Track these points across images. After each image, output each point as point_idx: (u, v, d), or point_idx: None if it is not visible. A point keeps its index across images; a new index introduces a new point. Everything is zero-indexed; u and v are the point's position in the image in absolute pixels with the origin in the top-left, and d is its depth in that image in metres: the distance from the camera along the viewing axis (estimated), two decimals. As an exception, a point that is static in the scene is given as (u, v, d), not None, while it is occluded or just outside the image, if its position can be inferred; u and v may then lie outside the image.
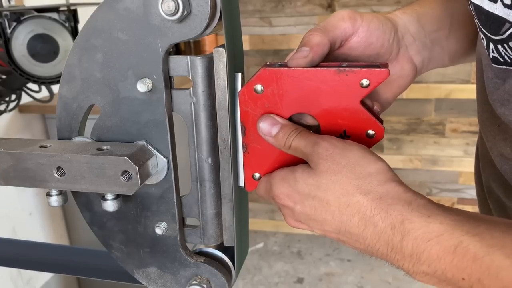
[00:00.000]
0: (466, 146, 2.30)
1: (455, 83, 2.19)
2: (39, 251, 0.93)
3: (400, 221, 0.36)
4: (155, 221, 0.48)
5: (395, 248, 0.37)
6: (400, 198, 0.37)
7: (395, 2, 2.20)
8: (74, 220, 2.03)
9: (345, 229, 0.39)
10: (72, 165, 0.42)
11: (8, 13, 1.15)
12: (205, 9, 0.39)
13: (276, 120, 0.43)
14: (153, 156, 0.45)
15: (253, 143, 0.45)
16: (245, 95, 0.44)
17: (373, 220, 0.37)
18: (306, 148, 0.41)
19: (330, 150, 0.40)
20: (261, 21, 2.35)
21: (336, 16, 0.47)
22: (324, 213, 0.40)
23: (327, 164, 0.40)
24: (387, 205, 0.37)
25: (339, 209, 0.39)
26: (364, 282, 2.20)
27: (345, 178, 0.39)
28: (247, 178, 0.47)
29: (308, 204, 0.41)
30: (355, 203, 0.38)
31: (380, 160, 0.40)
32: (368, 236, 0.38)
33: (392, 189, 0.38)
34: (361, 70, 0.40)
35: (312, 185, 0.40)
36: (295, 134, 0.42)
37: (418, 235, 0.35)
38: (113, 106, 0.45)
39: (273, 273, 2.32)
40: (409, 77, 0.52)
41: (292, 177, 0.42)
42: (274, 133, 0.43)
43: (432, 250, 0.35)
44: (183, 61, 0.43)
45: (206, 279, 0.49)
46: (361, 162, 0.39)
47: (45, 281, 1.97)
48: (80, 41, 0.43)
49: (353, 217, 0.38)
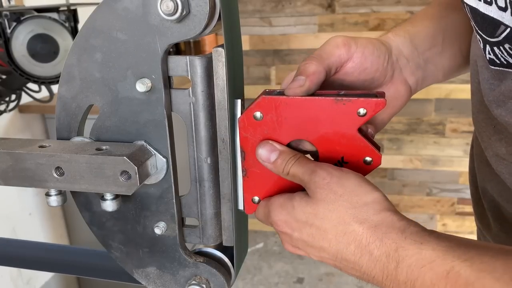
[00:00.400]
0: (466, 146, 2.30)
1: (455, 83, 2.19)
2: (39, 251, 0.94)
3: (394, 249, 0.37)
4: (154, 221, 0.48)
5: (390, 276, 0.37)
6: (394, 227, 0.38)
7: (395, 2, 2.20)
8: (74, 220, 2.03)
9: (341, 257, 0.40)
10: (71, 165, 0.42)
11: (8, 13, 1.15)
12: (204, 9, 0.39)
13: (274, 147, 0.44)
14: (152, 156, 0.45)
15: (253, 168, 0.46)
16: (245, 121, 0.44)
17: (368, 248, 0.38)
18: (304, 176, 0.42)
19: (327, 179, 0.41)
20: (261, 21, 2.35)
21: (331, 44, 0.47)
22: (321, 241, 0.41)
23: (324, 193, 0.41)
24: (382, 233, 0.38)
25: (336, 237, 0.40)
26: (364, 282, 2.20)
27: (342, 207, 0.40)
28: (246, 201, 0.48)
29: (306, 232, 0.42)
30: (351, 232, 0.39)
31: (376, 190, 0.41)
32: (364, 264, 0.39)
33: (386, 218, 0.39)
34: (358, 99, 0.41)
35: (310, 214, 0.41)
36: (293, 161, 0.43)
37: (412, 262, 0.36)
38: (112, 106, 0.45)
39: (273, 273, 2.32)
40: (403, 98, 0.53)
41: (290, 205, 0.43)
42: (272, 159, 0.44)
43: (425, 276, 0.35)
44: (182, 61, 0.43)
45: (205, 279, 0.49)
46: (357, 192, 0.40)
47: (45, 281, 1.97)
48: (79, 41, 0.43)
49: (350, 246, 0.39)
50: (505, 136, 0.48)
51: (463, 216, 2.42)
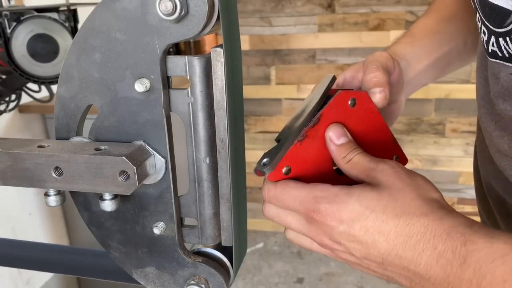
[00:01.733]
0: (466, 146, 2.30)
1: (455, 83, 2.19)
2: (39, 251, 0.94)
3: (463, 242, 0.34)
4: (153, 221, 0.48)
5: (453, 274, 0.34)
6: (461, 222, 0.36)
7: (395, 2, 2.20)
8: (74, 220, 2.03)
9: (396, 253, 0.37)
10: (70, 165, 0.42)
11: (8, 13, 1.15)
12: (203, 9, 0.39)
13: (345, 132, 0.44)
14: (151, 156, 0.45)
15: (312, 139, 0.45)
16: (341, 99, 0.46)
17: (432, 242, 0.35)
18: (370, 164, 0.41)
19: (396, 168, 0.40)
20: (261, 21, 2.35)
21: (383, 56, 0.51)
22: (376, 234, 0.37)
23: (392, 180, 0.39)
24: (449, 227, 0.36)
25: (396, 229, 0.37)
26: (364, 282, 2.20)
27: (408, 196, 0.38)
28: (279, 166, 0.44)
29: (359, 225, 0.38)
30: (415, 223, 0.36)
31: (439, 192, 0.41)
32: (423, 261, 0.35)
33: (451, 213, 0.37)
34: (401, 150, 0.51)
35: (372, 200, 0.38)
36: (359, 151, 0.43)
37: (481, 257, 0.33)
38: (111, 106, 0.45)
39: (273, 273, 2.32)
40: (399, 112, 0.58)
41: (348, 193, 0.39)
42: (339, 142, 0.44)
43: (496, 271, 0.33)
44: (181, 61, 0.43)
45: (204, 279, 0.49)
46: (424, 186, 0.40)
47: (45, 281, 1.97)
48: (78, 41, 0.43)
49: (410, 239, 0.36)
50: (508, 133, 0.49)
51: (463, 216, 2.42)
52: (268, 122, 2.56)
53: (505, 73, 0.43)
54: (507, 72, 0.43)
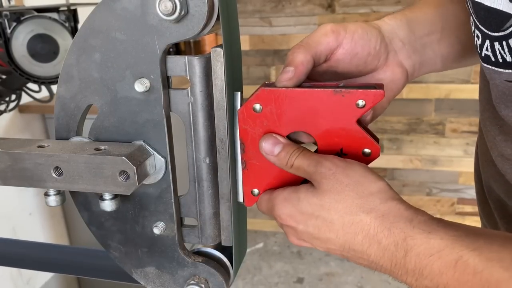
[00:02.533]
0: (466, 146, 2.30)
1: (455, 83, 2.19)
2: (39, 251, 0.94)
3: (403, 238, 0.37)
4: (153, 221, 0.48)
5: (398, 264, 0.38)
6: (402, 216, 0.39)
7: (395, 2, 2.20)
8: (74, 220, 2.03)
9: (349, 247, 0.40)
10: (70, 165, 0.42)
11: (8, 13, 1.15)
12: (202, 9, 0.39)
13: (278, 140, 0.44)
14: (150, 156, 0.45)
15: (252, 160, 0.46)
16: (244, 113, 0.44)
17: (376, 238, 0.39)
18: (309, 168, 0.42)
19: (333, 169, 0.41)
20: (261, 21, 2.35)
21: (319, 32, 0.47)
22: (327, 232, 0.41)
23: (330, 184, 0.41)
24: (390, 223, 0.38)
25: (343, 228, 0.40)
26: (364, 282, 2.20)
27: (348, 197, 0.40)
28: (246, 193, 0.48)
29: (311, 224, 0.42)
30: (358, 222, 0.39)
31: (380, 179, 0.41)
32: (372, 253, 0.39)
33: (393, 207, 0.39)
34: (357, 91, 0.41)
35: (316, 205, 0.41)
36: (297, 154, 0.43)
37: (420, 251, 0.36)
38: (111, 106, 0.45)
39: (273, 273, 2.32)
40: (400, 81, 0.53)
41: (295, 197, 0.43)
42: (276, 152, 0.44)
43: (434, 265, 0.36)
44: (181, 61, 0.43)
45: (204, 279, 0.49)
46: (362, 181, 0.41)
47: (45, 281, 1.97)
48: (78, 41, 0.43)
49: (357, 236, 0.39)
50: (511, 138, 0.48)
51: (463, 216, 2.42)
52: (268, 122, 2.55)
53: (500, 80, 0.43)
54: (501, 79, 0.42)
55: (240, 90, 0.48)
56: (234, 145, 0.46)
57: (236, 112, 0.45)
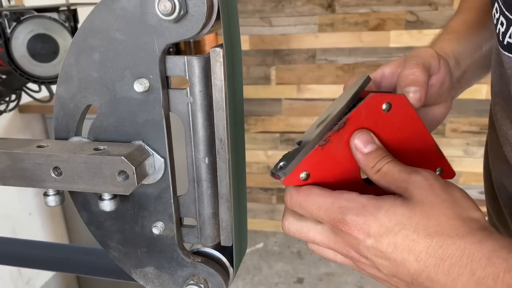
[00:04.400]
0: (466, 146, 2.30)
1: (455, 83, 2.19)
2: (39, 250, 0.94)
3: (506, 269, 0.31)
4: (152, 221, 0.48)
5: None
6: (504, 245, 0.32)
7: (395, 2, 2.20)
8: (74, 220, 2.04)
9: (427, 276, 0.33)
10: (69, 165, 0.42)
11: (8, 13, 1.15)
12: (202, 9, 0.39)
13: (373, 139, 0.40)
14: (150, 156, 0.45)
15: (335, 145, 0.41)
16: (373, 102, 0.41)
17: (470, 267, 0.32)
18: (401, 174, 0.37)
19: (431, 180, 0.36)
20: (261, 21, 2.35)
21: (427, 53, 0.47)
22: (406, 253, 0.34)
23: (425, 194, 0.35)
24: (489, 251, 0.32)
25: (428, 249, 0.33)
26: (364, 282, 2.20)
27: (442, 214, 0.34)
28: (296, 171, 0.41)
29: (388, 241, 0.35)
30: (449, 245, 0.33)
31: (479, 209, 0.36)
32: (459, 286, 0.32)
33: (492, 235, 0.33)
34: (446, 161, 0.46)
35: (402, 216, 0.35)
36: (389, 159, 0.39)
37: None
38: (110, 106, 0.45)
39: (273, 273, 2.32)
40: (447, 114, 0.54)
41: (377, 205, 0.36)
42: (367, 150, 0.40)
43: None
44: (180, 61, 0.43)
45: (204, 279, 0.49)
46: (461, 203, 0.36)
47: (45, 281, 1.97)
48: (77, 41, 0.43)
49: (444, 262, 0.33)
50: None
51: (463, 216, 2.41)
52: (268, 122, 2.55)
53: None
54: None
55: (240, 90, 0.48)
56: (234, 145, 0.46)
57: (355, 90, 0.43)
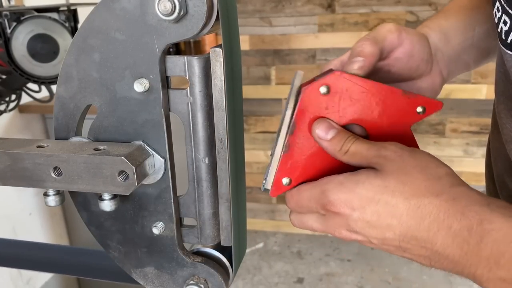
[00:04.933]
0: (466, 146, 2.30)
1: (455, 83, 2.19)
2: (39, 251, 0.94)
3: (478, 221, 0.34)
4: (152, 221, 0.48)
5: (470, 252, 0.34)
6: (476, 200, 0.36)
7: (395, 2, 2.20)
8: (74, 220, 2.04)
9: (411, 235, 0.37)
10: (69, 165, 0.42)
11: (8, 13, 1.15)
12: (202, 9, 0.39)
13: (332, 125, 0.42)
14: (150, 156, 0.45)
15: (297, 146, 0.43)
16: (310, 93, 0.42)
17: (446, 222, 0.35)
18: (369, 151, 0.40)
19: (399, 152, 0.39)
20: (261, 21, 2.35)
21: (384, 28, 0.48)
22: (389, 218, 0.38)
23: (396, 165, 0.38)
24: (463, 206, 0.35)
25: (408, 211, 0.37)
26: (364, 282, 2.20)
27: (416, 179, 0.37)
28: (276, 181, 0.44)
29: (370, 210, 0.38)
30: (426, 205, 0.36)
31: (447, 165, 0.39)
32: (439, 240, 0.36)
33: (465, 191, 0.37)
34: (423, 97, 0.42)
35: (379, 186, 0.38)
36: (354, 139, 0.41)
37: (499, 236, 0.33)
38: (110, 106, 0.45)
39: (273, 273, 2.32)
40: (438, 90, 0.54)
41: (354, 180, 0.39)
42: (329, 136, 0.42)
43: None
44: (180, 61, 0.43)
45: (204, 279, 0.49)
46: (430, 165, 0.38)
47: (45, 281, 1.97)
48: (77, 41, 0.43)
49: (424, 220, 0.36)
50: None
51: (463, 216, 2.42)
52: (268, 122, 2.55)
53: None
54: None
55: (240, 91, 0.48)
56: (234, 145, 0.46)
57: (293, 90, 0.43)
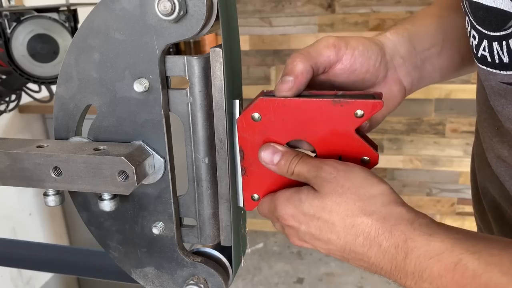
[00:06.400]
0: (466, 146, 2.30)
1: (455, 83, 2.19)
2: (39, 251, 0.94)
3: (403, 240, 0.38)
4: (152, 221, 0.48)
5: (398, 266, 0.38)
6: (403, 218, 0.39)
7: (395, 2, 2.20)
8: (74, 220, 2.03)
9: (350, 249, 0.40)
10: (69, 165, 0.42)
11: (8, 13, 1.15)
12: (201, 9, 0.39)
13: (276, 149, 0.44)
14: (150, 156, 0.45)
15: (252, 167, 0.46)
16: (243, 122, 0.45)
17: (377, 240, 0.39)
18: (309, 173, 0.42)
19: (334, 173, 0.41)
20: (261, 21, 2.35)
21: (321, 43, 0.47)
22: (329, 233, 0.41)
23: (332, 187, 0.41)
24: (391, 225, 0.39)
25: (344, 229, 0.40)
26: (364, 282, 2.20)
27: (350, 200, 0.40)
28: (246, 199, 0.48)
29: (313, 225, 0.42)
30: (359, 224, 0.39)
31: (382, 182, 0.41)
32: (373, 255, 0.39)
33: (395, 209, 0.40)
34: (356, 101, 0.42)
35: (317, 207, 0.41)
36: (297, 160, 0.43)
37: (421, 254, 0.37)
38: (110, 106, 0.45)
39: (273, 273, 2.32)
40: (397, 99, 0.53)
41: (297, 198, 0.43)
42: (276, 161, 0.44)
43: (433, 267, 0.36)
44: (180, 61, 0.43)
45: (203, 279, 0.49)
46: (364, 184, 0.41)
47: (45, 281, 1.97)
48: (77, 41, 0.43)
49: (358, 237, 0.40)
50: (509, 140, 0.48)
51: (463, 216, 2.42)
52: (268, 122, 2.55)
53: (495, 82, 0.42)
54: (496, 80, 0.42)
55: (239, 91, 0.48)
56: (233, 147, 0.46)
57: (235, 120, 0.45)
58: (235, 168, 0.47)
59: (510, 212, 0.54)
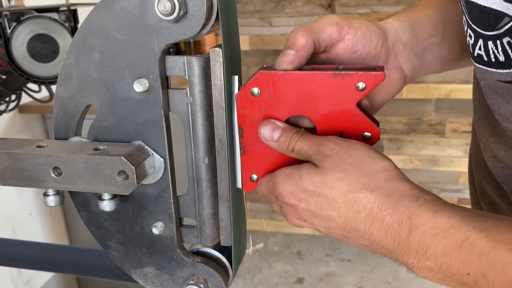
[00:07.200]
0: (466, 146, 2.30)
1: (455, 83, 2.19)
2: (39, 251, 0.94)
3: (408, 216, 0.37)
4: (152, 221, 0.48)
5: (401, 243, 0.37)
6: (408, 194, 0.38)
7: (395, 2, 2.20)
8: (74, 220, 2.03)
9: (350, 226, 0.39)
10: (68, 165, 0.42)
11: (8, 13, 1.15)
12: (201, 9, 0.39)
13: (276, 125, 0.44)
14: (149, 156, 0.45)
15: (251, 145, 0.45)
16: (242, 98, 0.44)
17: (380, 216, 0.38)
18: (310, 149, 0.41)
19: (336, 149, 0.40)
20: (261, 21, 2.35)
21: (325, 20, 0.47)
22: (329, 210, 0.40)
23: (333, 162, 0.40)
24: (395, 200, 0.37)
25: (345, 205, 0.39)
26: (364, 282, 2.20)
27: (352, 175, 0.39)
28: (244, 179, 0.47)
29: (313, 202, 0.41)
30: (362, 200, 0.38)
31: (386, 158, 0.40)
32: (375, 232, 0.38)
33: (399, 185, 0.39)
34: (357, 73, 0.41)
35: (318, 182, 0.40)
36: (297, 137, 0.43)
37: (425, 230, 0.36)
38: (109, 106, 0.45)
39: (273, 273, 2.32)
40: (397, 85, 0.52)
41: (298, 175, 0.42)
42: (276, 137, 0.43)
43: (438, 244, 0.35)
44: (180, 61, 0.43)
45: (203, 279, 0.49)
46: (367, 160, 0.40)
47: (45, 281, 1.97)
48: (77, 41, 0.43)
49: (360, 213, 0.38)
50: (505, 140, 0.48)
51: (463, 216, 2.42)
52: (268, 122, 2.55)
53: (492, 80, 0.42)
54: (494, 79, 0.42)
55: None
56: (233, 146, 0.46)
57: (233, 96, 0.44)
58: (233, 148, 0.46)
59: (508, 212, 0.54)
